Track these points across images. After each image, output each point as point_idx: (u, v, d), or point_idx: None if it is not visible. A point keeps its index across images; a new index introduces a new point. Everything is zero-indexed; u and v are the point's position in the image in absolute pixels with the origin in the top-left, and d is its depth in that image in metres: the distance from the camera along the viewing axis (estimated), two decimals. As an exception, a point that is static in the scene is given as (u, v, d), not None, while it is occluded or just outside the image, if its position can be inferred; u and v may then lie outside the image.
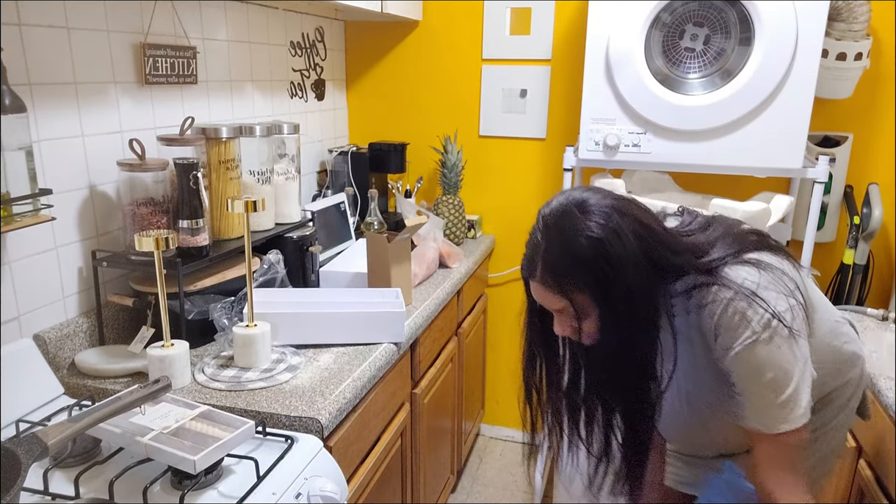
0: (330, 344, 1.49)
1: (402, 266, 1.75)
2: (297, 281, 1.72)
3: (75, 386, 1.30)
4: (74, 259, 1.40)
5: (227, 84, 1.87)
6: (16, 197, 1.14)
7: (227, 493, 0.98)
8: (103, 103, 1.43)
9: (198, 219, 1.42)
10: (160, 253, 1.19)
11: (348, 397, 1.28)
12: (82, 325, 1.40)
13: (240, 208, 1.31)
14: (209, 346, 1.46)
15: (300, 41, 2.27)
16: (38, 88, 1.27)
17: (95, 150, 1.42)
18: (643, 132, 2.00)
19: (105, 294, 1.46)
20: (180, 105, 1.67)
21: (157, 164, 1.39)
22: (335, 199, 2.11)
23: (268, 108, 2.09)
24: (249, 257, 1.35)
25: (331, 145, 2.51)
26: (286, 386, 1.29)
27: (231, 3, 1.85)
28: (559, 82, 2.42)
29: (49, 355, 1.31)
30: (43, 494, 0.96)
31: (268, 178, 1.70)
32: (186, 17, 1.66)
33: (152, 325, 1.37)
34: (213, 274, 1.49)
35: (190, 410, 1.07)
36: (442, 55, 2.52)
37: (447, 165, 2.39)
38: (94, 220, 1.44)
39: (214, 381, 1.29)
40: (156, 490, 0.98)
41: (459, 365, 2.25)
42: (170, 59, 1.59)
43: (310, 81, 2.36)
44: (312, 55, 2.36)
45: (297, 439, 1.13)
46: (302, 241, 1.73)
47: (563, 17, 2.37)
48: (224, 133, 1.53)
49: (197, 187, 1.41)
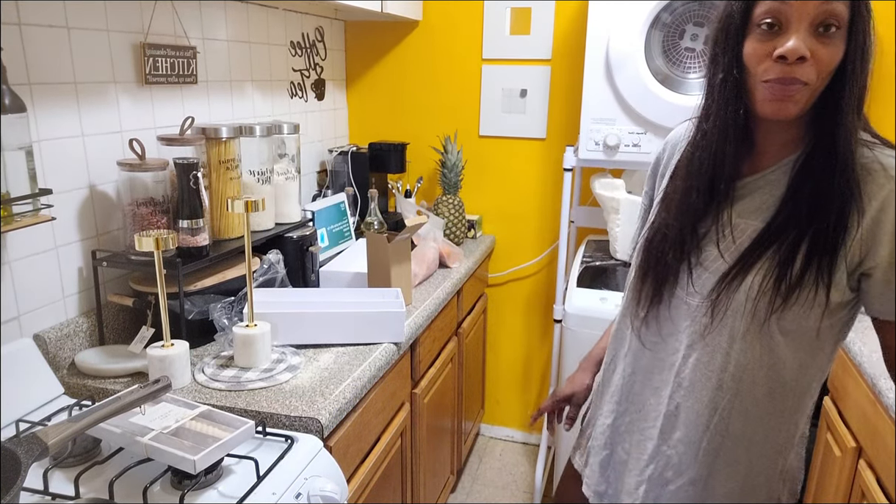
0: (330, 344, 1.49)
1: (402, 266, 1.75)
2: (297, 281, 1.72)
3: (75, 386, 1.30)
4: (74, 259, 1.40)
5: (227, 84, 1.87)
6: (16, 197, 1.14)
7: (227, 493, 0.98)
8: (103, 103, 1.43)
9: (198, 219, 1.42)
10: (160, 253, 1.19)
11: (348, 397, 1.28)
12: (82, 325, 1.40)
13: (240, 208, 1.31)
14: (209, 346, 1.46)
15: (300, 41, 2.27)
16: (38, 88, 1.27)
17: (95, 150, 1.42)
18: (643, 132, 2.00)
19: (105, 294, 1.46)
20: (180, 105, 1.67)
21: (157, 164, 1.39)
22: (335, 198, 2.11)
23: (268, 108, 2.09)
24: (249, 257, 1.35)
25: (331, 145, 2.51)
26: (286, 386, 1.29)
27: (231, 3, 1.85)
28: (559, 82, 2.42)
29: (49, 355, 1.31)
30: (43, 494, 0.96)
31: (268, 178, 1.70)
32: (186, 17, 1.66)
33: (152, 325, 1.37)
34: (213, 274, 1.49)
35: (190, 410, 1.07)
36: (442, 55, 2.52)
37: (447, 165, 2.39)
38: (94, 220, 1.44)
39: (214, 381, 1.29)
40: (156, 490, 0.98)
41: (459, 365, 2.25)
42: (170, 59, 1.59)
43: (310, 81, 2.36)
44: (312, 55, 2.36)
45: (297, 439, 1.13)
46: (302, 241, 1.73)
47: (563, 17, 2.37)
48: (224, 133, 1.53)
49: (197, 187, 1.41)
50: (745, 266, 0.92)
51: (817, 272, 0.88)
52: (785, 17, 0.82)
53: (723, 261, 0.95)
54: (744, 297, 0.92)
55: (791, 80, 0.83)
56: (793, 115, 0.86)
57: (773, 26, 0.83)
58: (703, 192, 0.96)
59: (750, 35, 0.86)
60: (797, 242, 0.88)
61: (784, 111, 0.85)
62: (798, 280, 0.88)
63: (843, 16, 0.82)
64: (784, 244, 0.89)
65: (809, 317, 0.90)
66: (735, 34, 0.87)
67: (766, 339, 0.93)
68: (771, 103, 0.85)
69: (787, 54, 0.81)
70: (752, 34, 0.86)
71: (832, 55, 0.83)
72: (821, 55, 0.82)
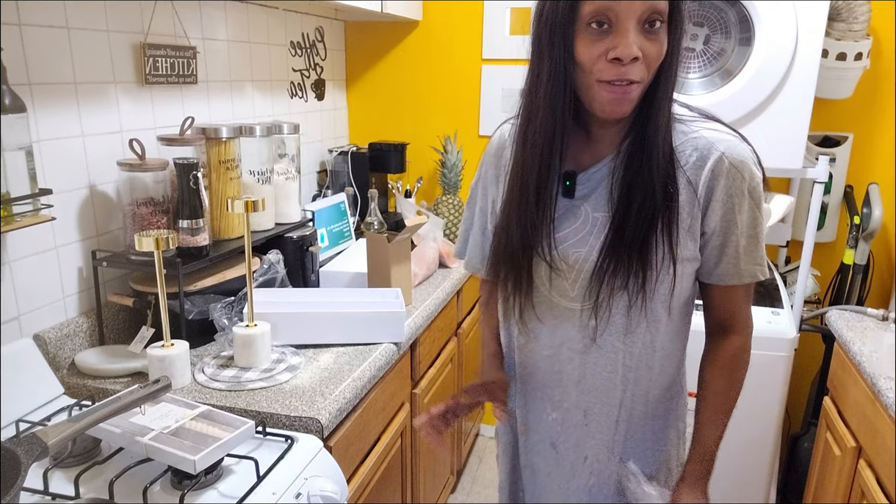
0: (330, 344, 1.49)
1: (402, 266, 1.75)
2: (297, 281, 1.72)
3: (75, 386, 1.30)
4: (74, 259, 1.40)
5: (227, 84, 1.87)
6: (16, 197, 1.14)
7: (227, 493, 0.98)
8: (103, 103, 1.43)
9: (198, 219, 1.42)
10: (160, 253, 1.19)
11: (348, 397, 1.28)
12: (82, 325, 1.40)
13: (240, 208, 1.31)
14: (209, 346, 1.46)
15: (300, 41, 2.27)
16: (38, 88, 1.27)
17: (95, 150, 1.42)
18: (643, 132, 2.00)
19: (105, 294, 1.46)
20: (180, 105, 1.67)
21: (157, 164, 1.39)
22: (335, 198, 2.11)
23: (268, 108, 2.09)
24: (249, 257, 1.35)
25: (331, 145, 2.51)
26: (286, 386, 1.29)
27: (231, 3, 1.86)
28: (559, 82, 2.42)
29: (49, 355, 1.31)
30: (43, 494, 0.96)
31: (268, 178, 1.70)
32: (186, 17, 1.66)
33: (152, 325, 1.37)
34: (213, 274, 1.49)
35: (190, 410, 1.07)
36: (442, 55, 2.52)
37: (447, 165, 2.39)
38: (94, 220, 1.44)
39: (214, 381, 1.29)
40: (156, 490, 0.98)
41: (459, 365, 2.25)
42: (170, 59, 1.59)
43: (310, 81, 2.36)
44: (312, 55, 2.36)
45: (297, 439, 1.13)
46: (302, 241, 1.73)
47: (563, 17, 2.37)
48: (224, 133, 1.53)
49: (197, 187, 1.41)
50: (615, 260, 0.94)
51: (670, 248, 0.93)
52: (614, 16, 0.82)
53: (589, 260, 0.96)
54: (627, 292, 0.95)
55: (628, 81, 0.84)
56: (628, 113, 0.89)
57: (603, 24, 0.83)
58: (542, 191, 0.95)
59: (579, 34, 0.85)
60: (648, 227, 0.92)
61: (621, 110, 0.88)
62: (661, 261, 0.93)
63: (665, 10, 0.84)
64: (639, 230, 0.92)
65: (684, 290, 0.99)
66: (562, 32, 0.86)
67: (654, 324, 0.99)
68: (610, 104, 0.87)
69: (621, 56, 0.82)
70: (582, 33, 0.85)
71: (659, 50, 0.85)
72: (649, 52, 0.84)
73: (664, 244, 0.92)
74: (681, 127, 0.95)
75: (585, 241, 0.96)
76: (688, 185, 0.93)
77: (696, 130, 0.94)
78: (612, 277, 0.93)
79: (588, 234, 0.96)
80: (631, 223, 0.91)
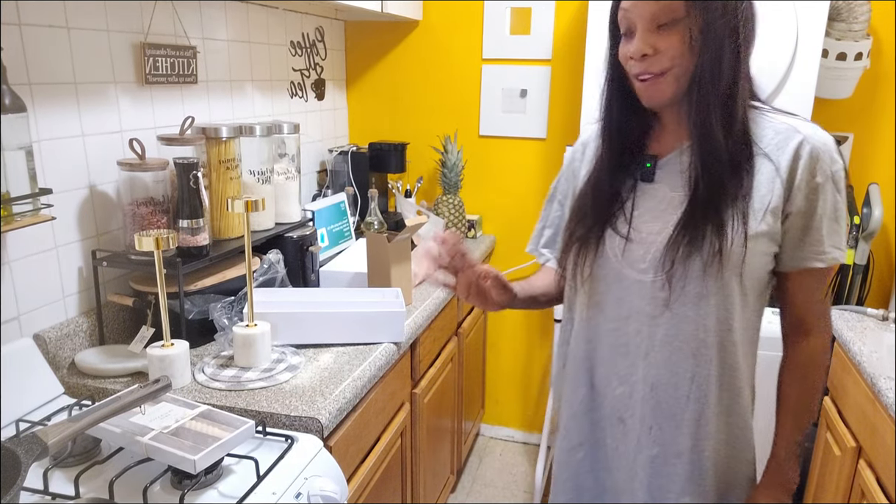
0: (330, 344, 1.49)
1: (402, 266, 1.75)
2: (297, 281, 1.72)
3: (75, 386, 1.30)
4: (74, 259, 1.40)
5: (227, 84, 1.87)
6: (16, 197, 1.14)
7: (227, 493, 0.98)
8: (103, 103, 1.43)
9: (198, 218, 1.42)
10: (160, 253, 1.19)
11: (348, 397, 1.28)
12: (82, 325, 1.40)
13: (240, 208, 1.31)
14: (209, 346, 1.46)
15: (300, 41, 2.27)
16: (38, 88, 1.27)
17: (95, 150, 1.42)
18: (643, 132, 2.00)
19: (105, 294, 1.46)
20: (180, 105, 1.67)
21: (157, 164, 1.39)
22: (335, 198, 2.11)
23: (268, 108, 2.09)
24: (249, 257, 1.35)
25: (331, 145, 2.51)
26: (286, 386, 1.29)
27: (231, 3, 1.86)
28: (559, 82, 2.42)
29: (49, 355, 1.31)
30: (43, 494, 0.96)
31: (268, 178, 1.70)
32: (186, 17, 1.66)
33: (152, 324, 1.37)
34: (213, 274, 1.49)
35: (190, 410, 1.07)
36: (442, 55, 2.52)
37: (447, 165, 2.39)
38: (94, 219, 1.44)
39: (214, 381, 1.29)
40: (156, 490, 0.98)
41: (459, 365, 2.25)
42: (170, 59, 1.59)
43: (310, 81, 2.36)
44: (312, 55, 2.36)
45: (297, 439, 1.13)
46: (302, 241, 1.73)
47: (563, 17, 2.37)
48: (224, 133, 1.53)
49: (197, 187, 1.41)
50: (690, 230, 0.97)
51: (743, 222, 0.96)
52: (631, 22, 0.96)
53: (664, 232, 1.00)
54: (700, 263, 0.97)
55: (647, 73, 0.96)
56: (667, 98, 0.97)
57: (628, 30, 0.97)
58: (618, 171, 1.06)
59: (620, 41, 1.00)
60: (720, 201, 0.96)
61: (657, 97, 0.97)
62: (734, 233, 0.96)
63: (678, 10, 0.92)
64: (712, 204, 0.96)
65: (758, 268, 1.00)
66: (613, 39, 1.02)
67: (727, 297, 0.99)
68: (646, 94, 0.98)
69: (632, 55, 0.96)
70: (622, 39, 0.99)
71: (671, 44, 0.93)
72: (662, 46, 0.94)
73: (738, 218, 0.96)
74: (760, 116, 1.00)
75: (661, 217, 1.01)
76: (769, 165, 0.97)
77: (776, 118, 1.00)
78: (688, 246, 0.97)
79: (664, 211, 1.01)
80: (704, 199, 0.96)
